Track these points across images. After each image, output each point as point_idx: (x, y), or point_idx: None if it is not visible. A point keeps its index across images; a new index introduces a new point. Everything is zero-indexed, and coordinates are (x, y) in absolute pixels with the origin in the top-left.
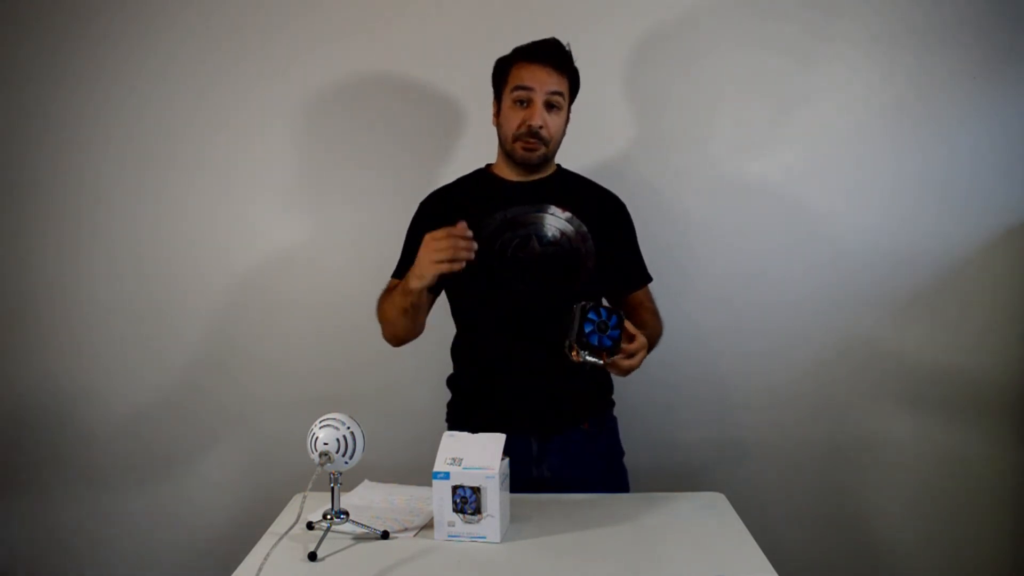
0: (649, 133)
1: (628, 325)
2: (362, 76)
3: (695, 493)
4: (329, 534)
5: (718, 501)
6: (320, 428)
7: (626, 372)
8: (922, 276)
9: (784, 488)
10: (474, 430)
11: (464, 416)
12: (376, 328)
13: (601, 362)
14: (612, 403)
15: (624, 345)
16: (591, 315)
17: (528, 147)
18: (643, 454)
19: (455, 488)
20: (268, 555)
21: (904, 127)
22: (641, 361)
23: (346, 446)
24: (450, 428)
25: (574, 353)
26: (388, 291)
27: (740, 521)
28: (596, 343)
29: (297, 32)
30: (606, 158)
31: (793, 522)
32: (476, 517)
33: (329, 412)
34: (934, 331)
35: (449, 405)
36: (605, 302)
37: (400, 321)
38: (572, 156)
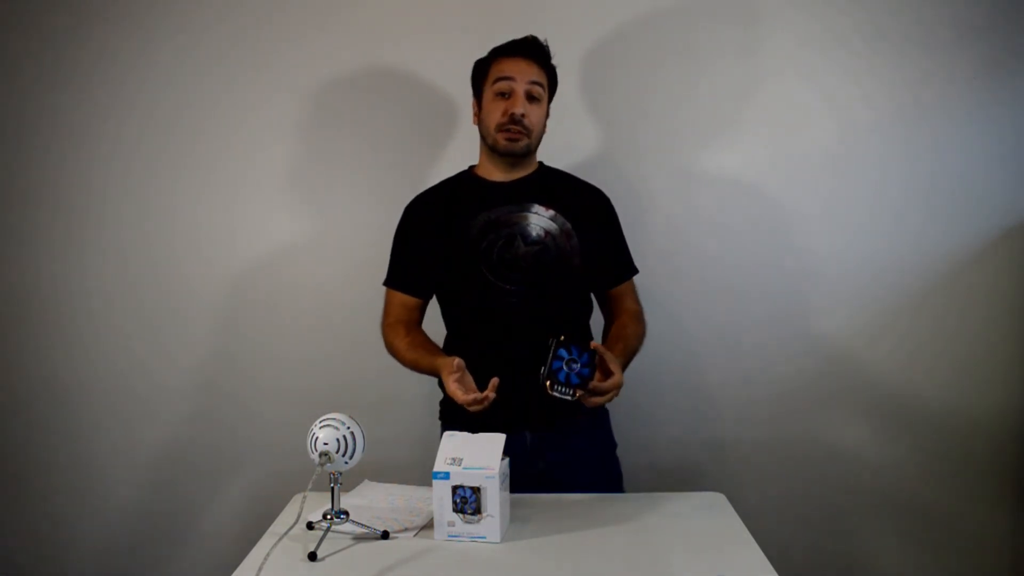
0: (634, 134)
1: (610, 362)
2: (361, 75)
3: (695, 493)
4: (329, 534)
5: (718, 501)
6: (320, 428)
7: (595, 406)
8: (921, 277)
9: (784, 488)
10: (465, 427)
11: (456, 414)
12: (378, 328)
13: (571, 396)
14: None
15: (595, 383)
16: (561, 352)
17: (511, 137)
18: (643, 454)
19: (455, 488)
20: (268, 555)
21: (904, 127)
22: (612, 397)
23: (346, 446)
24: (443, 425)
25: (548, 387)
26: (392, 318)
27: (740, 521)
28: (564, 380)
29: (297, 33)
30: (588, 158)
31: (793, 522)
32: (476, 517)
33: (329, 412)
34: (934, 331)
35: (442, 403)
36: (593, 342)
37: (410, 368)
38: (555, 155)
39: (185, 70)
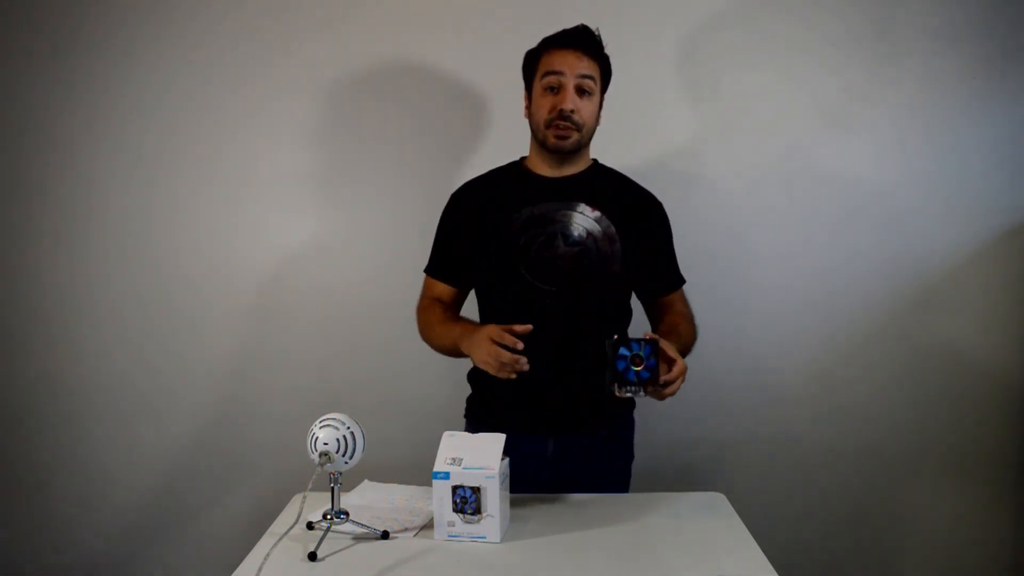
0: (623, 130)
1: (667, 348)
2: (368, 74)
3: (695, 493)
4: (329, 534)
5: (718, 501)
6: (320, 428)
7: (667, 398)
8: (923, 278)
9: (784, 488)
10: (492, 426)
11: (483, 412)
12: (378, 328)
13: (642, 393)
14: (633, 404)
15: (663, 376)
16: (622, 351)
17: (560, 133)
18: (643, 454)
19: (455, 488)
20: (268, 555)
21: (906, 127)
22: (680, 384)
23: (346, 446)
24: (468, 423)
25: (616, 390)
26: (428, 299)
27: (740, 521)
28: (633, 378)
29: (317, 25)
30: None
31: (793, 522)
32: (476, 517)
33: (329, 412)
34: (936, 333)
35: (468, 400)
36: (649, 332)
37: (445, 351)
38: (617, 152)
39: (189, 69)
